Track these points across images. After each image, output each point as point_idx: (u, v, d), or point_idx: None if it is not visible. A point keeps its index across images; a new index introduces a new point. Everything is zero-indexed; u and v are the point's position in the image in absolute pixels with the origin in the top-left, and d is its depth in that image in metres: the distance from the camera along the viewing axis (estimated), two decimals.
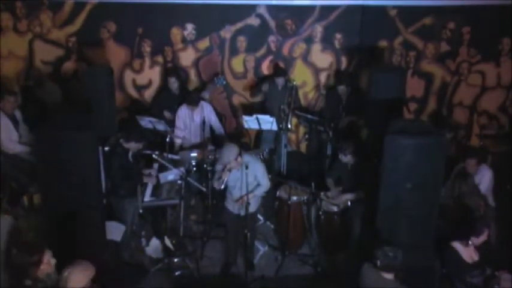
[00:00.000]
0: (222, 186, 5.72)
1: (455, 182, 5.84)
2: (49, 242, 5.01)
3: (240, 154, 5.55)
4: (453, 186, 5.77)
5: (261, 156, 6.98)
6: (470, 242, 5.08)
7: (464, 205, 5.61)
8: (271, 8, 7.75)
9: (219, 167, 5.75)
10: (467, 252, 5.13)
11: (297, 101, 7.53)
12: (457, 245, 5.14)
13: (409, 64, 8.03)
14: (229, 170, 5.56)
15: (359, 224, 6.09)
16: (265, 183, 5.82)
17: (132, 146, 6.14)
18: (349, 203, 6.23)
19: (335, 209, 6.19)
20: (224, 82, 7.66)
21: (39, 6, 7.74)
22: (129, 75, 8.09)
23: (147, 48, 7.94)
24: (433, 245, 5.12)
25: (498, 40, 7.97)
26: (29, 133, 6.85)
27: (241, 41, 7.91)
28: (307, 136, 8.09)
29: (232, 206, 5.89)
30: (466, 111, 8.34)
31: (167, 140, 6.83)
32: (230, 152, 5.54)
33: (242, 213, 5.77)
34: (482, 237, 5.11)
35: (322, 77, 8.09)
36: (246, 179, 5.50)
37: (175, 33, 7.88)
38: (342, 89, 7.50)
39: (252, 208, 5.84)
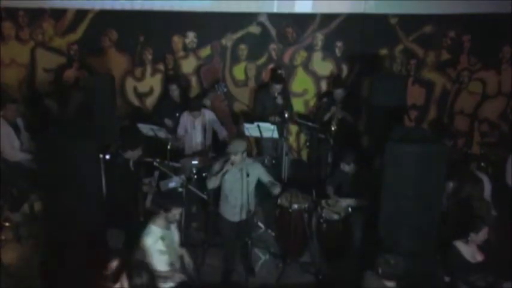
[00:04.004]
0: (218, 183, 5.69)
1: (462, 186, 5.80)
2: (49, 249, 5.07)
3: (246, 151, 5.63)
4: (459, 190, 5.74)
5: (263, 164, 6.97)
6: (469, 239, 5.03)
7: (468, 206, 5.58)
8: (272, 17, 7.78)
9: (216, 166, 5.74)
10: (469, 250, 5.07)
11: (290, 108, 7.58)
12: (458, 244, 5.09)
13: (410, 72, 8.04)
14: (232, 164, 5.55)
15: (360, 232, 6.09)
16: (271, 179, 5.86)
17: (130, 155, 6.12)
18: (349, 210, 6.22)
19: (336, 217, 6.18)
20: (225, 89, 7.68)
21: (41, 14, 7.78)
22: (130, 83, 8.12)
23: (148, 56, 7.97)
24: (434, 252, 5.11)
25: (498, 48, 7.99)
26: (30, 141, 6.86)
27: (243, 49, 7.94)
28: (308, 144, 8.10)
29: (227, 213, 5.87)
30: (467, 119, 8.34)
31: (168, 147, 6.83)
32: (240, 144, 5.60)
33: (237, 219, 5.78)
34: (482, 235, 5.04)
35: (323, 85, 8.10)
36: (247, 187, 5.52)
37: (177, 41, 7.91)
38: (338, 92, 7.47)
39: (252, 212, 5.89)
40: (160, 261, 4.87)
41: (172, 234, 5.11)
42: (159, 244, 4.86)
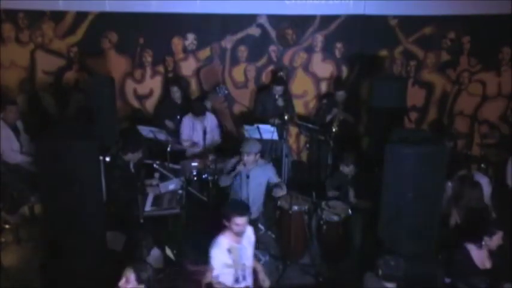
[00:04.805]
0: (229, 182, 5.68)
1: (461, 189, 5.78)
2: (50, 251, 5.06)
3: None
4: (459, 193, 5.72)
5: None
6: (483, 243, 4.93)
7: (472, 210, 5.57)
8: (271, 18, 7.78)
9: (229, 165, 5.75)
10: (480, 256, 4.99)
11: (291, 110, 7.56)
12: (469, 246, 4.99)
13: (410, 73, 8.04)
14: (244, 165, 5.55)
15: (360, 234, 6.08)
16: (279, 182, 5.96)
17: (131, 157, 6.12)
18: (349, 212, 6.22)
19: (336, 218, 6.17)
20: (226, 92, 7.69)
21: (41, 16, 7.78)
22: (130, 85, 8.11)
23: (148, 58, 7.96)
24: (435, 253, 5.10)
25: (498, 49, 7.99)
26: (30, 143, 6.86)
27: (242, 51, 7.93)
28: (307, 145, 8.09)
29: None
30: (467, 121, 8.34)
31: (168, 149, 6.83)
32: (253, 145, 5.69)
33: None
34: (496, 239, 4.93)
35: (323, 86, 8.09)
36: (246, 189, 5.53)
37: (177, 43, 7.91)
38: (340, 94, 7.49)
39: (255, 214, 5.88)
40: (225, 274, 4.68)
41: (242, 249, 4.77)
42: (225, 256, 4.65)
